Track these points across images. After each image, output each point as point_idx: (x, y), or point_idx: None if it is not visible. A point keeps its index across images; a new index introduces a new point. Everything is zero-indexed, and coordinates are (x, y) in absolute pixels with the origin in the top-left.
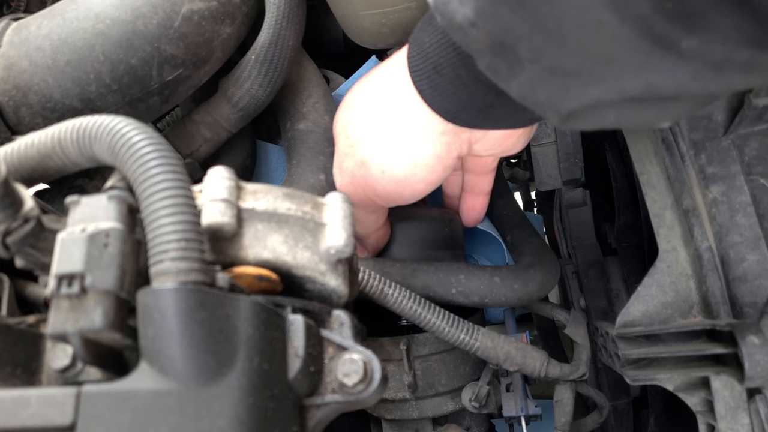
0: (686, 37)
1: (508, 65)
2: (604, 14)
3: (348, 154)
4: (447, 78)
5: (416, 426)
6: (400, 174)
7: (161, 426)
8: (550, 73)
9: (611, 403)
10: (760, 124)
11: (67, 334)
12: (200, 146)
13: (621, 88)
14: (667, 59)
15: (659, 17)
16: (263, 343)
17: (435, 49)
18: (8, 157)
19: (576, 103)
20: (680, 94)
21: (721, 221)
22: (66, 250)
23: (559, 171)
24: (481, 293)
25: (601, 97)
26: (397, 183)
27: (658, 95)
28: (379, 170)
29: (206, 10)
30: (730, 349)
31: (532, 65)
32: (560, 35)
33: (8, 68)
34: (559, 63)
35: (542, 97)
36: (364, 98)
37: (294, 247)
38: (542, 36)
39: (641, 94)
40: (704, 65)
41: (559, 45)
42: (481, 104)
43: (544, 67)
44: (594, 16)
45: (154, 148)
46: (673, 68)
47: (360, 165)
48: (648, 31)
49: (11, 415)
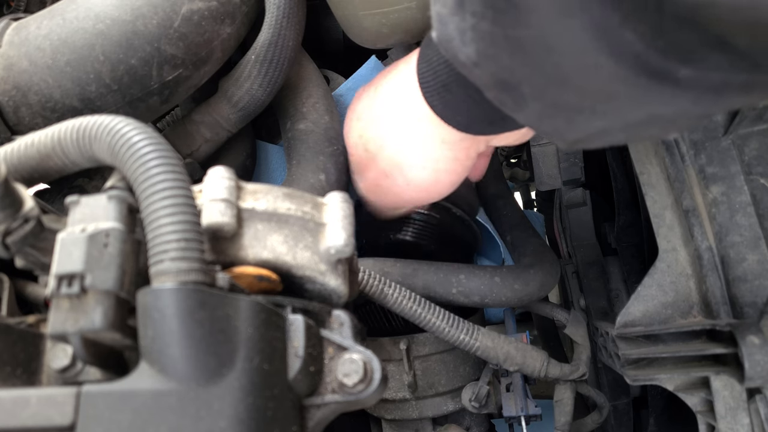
0: (682, 67)
1: (513, 100)
2: (600, 58)
3: (369, 166)
4: (457, 96)
5: (416, 426)
6: (425, 183)
7: (161, 426)
8: (554, 108)
9: (611, 403)
10: (760, 124)
11: (67, 334)
12: (200, 146)
13: (624, 119)
14: (665, 90)
15: (652, 53)
16: (263, 343)
17: (444, 69)
18: (8, 157)
19: (582, 134)
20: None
21: (721, 221)
22: (66, 250)
23: (559, 171)
24: (482, 293)
25: (605, 127)
26: (421, 191)
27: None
28: (404, 181)
29: (206, 10)
30: (730, 349)
31: (535, 102)
32: (560, 77)
33: (8, 68)
34: (562, 100)
35: (548, 129)
36: (377, 109)
37: (294, 247)
38: (542, 78)
39: (644, 121)
40: (703, 91)
41: (560, 85)
42: (493, 118)
43: (547, 104)
44: (590, 60)
45: (154, 148)
46: (672, 98)
47: (384, 176)
48: (643, 67)
49: (11, 415)
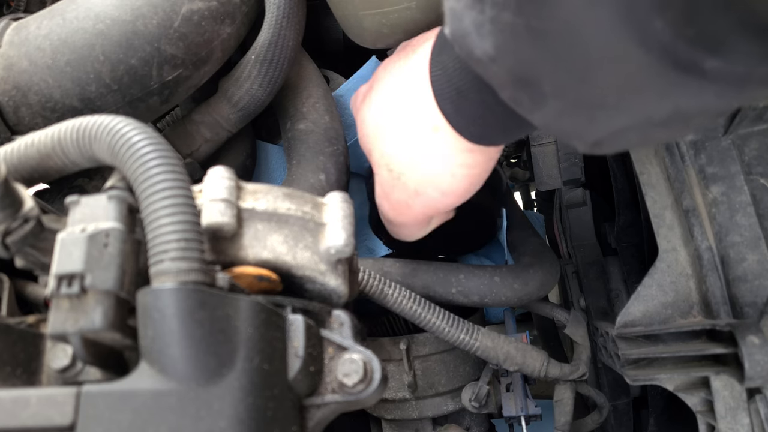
0: (708, 59)
1: (530, 98)
2: (628, 47)
3: (396, 186)
4: (472, 102)
5: (416, 426)
6: (459, 188)
7: (161, 426)
8: (575, 106)
9: (611, 403)
10: (760, 124)
11: (67, 334)
12: (200, 146)
13: (648, 114)
14: (692, 83)
15: (680, 43)
16: (263, 343)
17: (458, 74)
18: (8, 157)
19: (603, 132)
20: (704, 113)
21: (721, 221)
22: (66, 250)
23: (559, 171)
24: (481, 293)
25: (627, 124)
26: (457, 196)
27: (682, 116)
28: (439, 194)
29: (206, 10)
30: (730, 349)
31: (556, 99)
32: (584, 70)
33: (8, 68)
34: (584, 97)
35: (568, 128)
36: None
37: (294, 247)
38: (564, 71)
39: (667, 116)
40: (727, 83)
41: (583, 80)
42: (507, 125)
43: (568, 101)
44: (618, 48)
45: (154, 148)
46: (697, 90)
47: (414, 195)
48: (671, 57)
49: (11, 415)
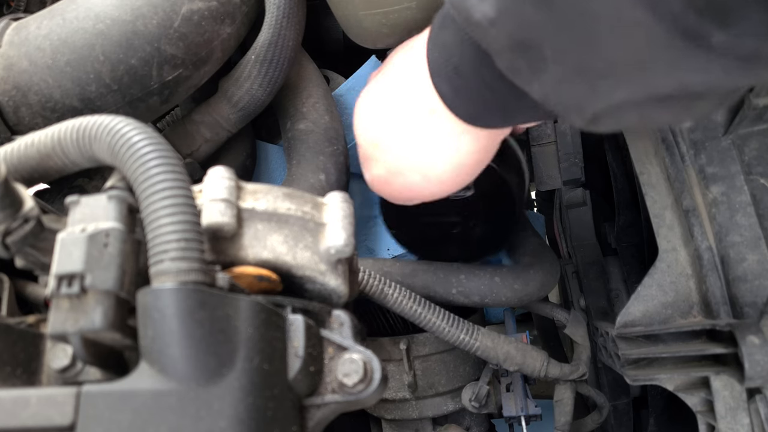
0: (716, 31)
1: (529, 65)
2: (640, 13)
3: (377, 161)
4: (468, 80)
5: (416, 426)
6: (444, 176)
7: (161, 426)
8: (577, 73)
9: (611, 403)
10: (760, 124)
11: (67, 334)
12: (200, 146)
13: (651, 87)
14: (699, 56)
15: (691, 13)
16: (263, 343)
17: (455, 49)
18: (8, 157)
19: (603, 104)
20: (709, 91)
21: (721, 221)
22: (66, 250)
23: (559, 171)
24: (482, 293)
25: (629, 97)
26: (441, 183)
27: (686, 93)
28: (422, 178)
29: (206, 10)
30: (730, 349)
31: (557, 65)
32: (589, 35)
33: (8, 68)
34: (587, 64)
35: (567, 98)
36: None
37: (294, 247)
38: (568, 36)
39: (671, 92)
40: (733, 60)
41: (588, 45)
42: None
43: (570, 67)
44: (629, 15)
45: (154, 148)
46: (704, 64)
47: (395, 174)
48: (680, 27)
49: (11, 415)
